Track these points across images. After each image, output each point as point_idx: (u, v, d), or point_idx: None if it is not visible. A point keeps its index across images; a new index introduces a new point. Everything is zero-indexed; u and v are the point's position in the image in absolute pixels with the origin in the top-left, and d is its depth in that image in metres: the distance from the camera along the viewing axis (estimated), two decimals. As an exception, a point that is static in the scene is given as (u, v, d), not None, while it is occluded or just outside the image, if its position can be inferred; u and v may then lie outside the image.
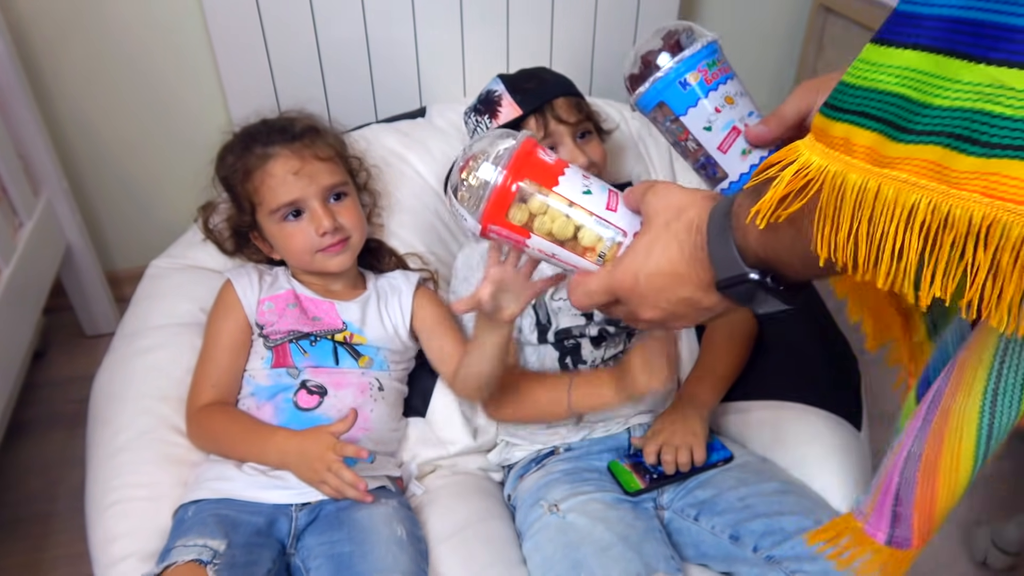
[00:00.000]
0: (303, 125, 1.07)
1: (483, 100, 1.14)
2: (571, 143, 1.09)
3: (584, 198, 0.61)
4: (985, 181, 0.36)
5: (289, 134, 1.04)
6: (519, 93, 1.10)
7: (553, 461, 1.07)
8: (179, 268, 1.19)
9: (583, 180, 0.62)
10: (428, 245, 1.24)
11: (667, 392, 1.15)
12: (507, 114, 1.10)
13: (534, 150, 0.62)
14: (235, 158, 1.05)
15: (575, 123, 1.10)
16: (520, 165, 0.61)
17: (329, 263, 1.06)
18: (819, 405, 1.08)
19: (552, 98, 1.10)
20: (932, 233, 0.38)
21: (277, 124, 1.07)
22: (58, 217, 1.47)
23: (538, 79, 1.14)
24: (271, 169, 1.01)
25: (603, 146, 1.15)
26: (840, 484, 1.00)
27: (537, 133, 1.08)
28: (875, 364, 1.65)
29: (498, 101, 1.11)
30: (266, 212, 1.03)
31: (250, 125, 1.09)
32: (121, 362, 1.10)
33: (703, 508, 0.97)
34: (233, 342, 1.05)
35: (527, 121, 1.09)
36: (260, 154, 1.03)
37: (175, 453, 1.01)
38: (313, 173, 1.02)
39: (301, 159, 1.02)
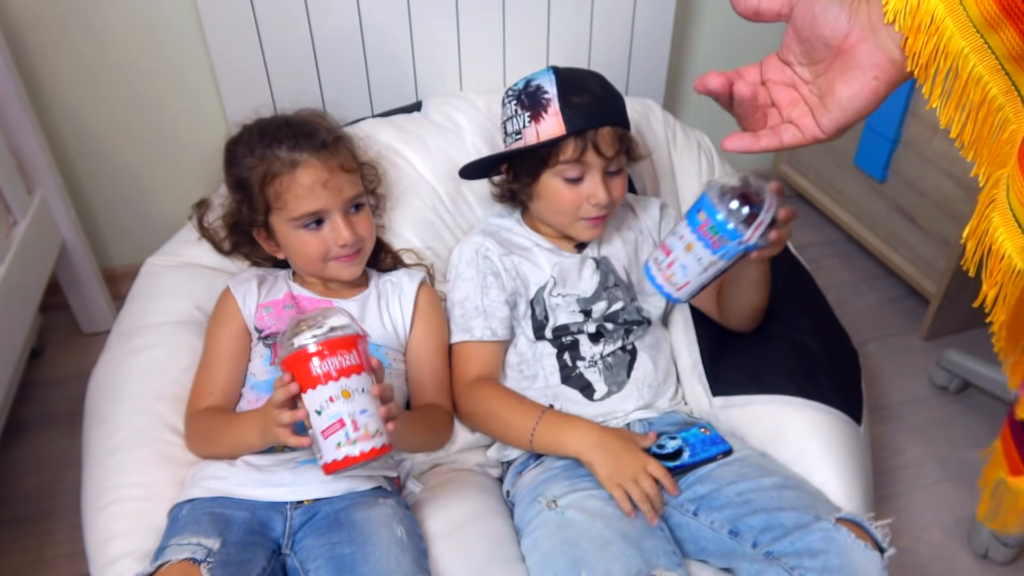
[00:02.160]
0: (331, 134, 1.04)
1: (531, 94, 1.06)
2: (599, 178, 1.06)
3: (314, 417, 0.80)
4: None
5: (317, 141, 1.01)
6: (569, 108, 1.03)
7: (551, 457, 1.06)
8: (175, 266, 1.18)
9: (328, 401, 0.79)
10: (425, 240, 1.23)
11: (664, 387, 1.14)
12: (549, 127, 1.04)
13: (309, 358, 0.79)
14: (255, 159, 1.01)
15: (611, 157, 1.06)
16: (293, 360, 0.80)
17: (342, 272, 1.06)
18: (819, 399, 1.08)
19: (600, 125, 1.05)
20: None
21: (304, 128, 1.03)
22: (53, 215, 1.46)
23: (592, 95, 1.05)
24: (300, 178, 0.99)
25: (626, 181, 1.13)
26: (840, 479, 1.00)
27: (572, 155, 1.04)
28: (874, 358, 1.66)
29: (545, 105, 1.04)
30: (286, 217, 1.01)
31: (266, 121, 1.05)
32: (117, 361, 1.09)
33: (702, 503, 0.97)
34: (232, 349, 1.04)
35: (567, 141, 1.04)
36: (287, 159, 0.99)
37: (171, 453, 1.00)
38: (339, 185, 1.01)
39: (329, 170, 1.00)
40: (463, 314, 1.11)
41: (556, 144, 1.05)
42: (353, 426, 0.78)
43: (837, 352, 1.19)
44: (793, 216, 0.93)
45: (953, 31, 0.48)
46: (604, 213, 1.09)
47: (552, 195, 1.10)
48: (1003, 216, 0.51)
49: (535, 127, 1.06)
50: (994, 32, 0.47)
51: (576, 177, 1.07)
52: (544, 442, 1.02)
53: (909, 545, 1.29)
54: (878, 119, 1.73)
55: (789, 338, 1.16)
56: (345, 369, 0.79)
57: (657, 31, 1.62)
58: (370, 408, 0.80)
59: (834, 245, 1.99)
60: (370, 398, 0.80)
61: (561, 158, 1.06)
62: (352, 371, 0.79)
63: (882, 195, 1.79)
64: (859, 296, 1.84)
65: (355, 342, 0.80)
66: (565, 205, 1.09)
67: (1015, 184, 0.50)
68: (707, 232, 0.86)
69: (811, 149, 2.01)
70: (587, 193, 1.07)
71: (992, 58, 0.48)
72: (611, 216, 1.13)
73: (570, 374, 1.11)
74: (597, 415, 1.09)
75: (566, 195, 1.08)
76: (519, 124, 1.09)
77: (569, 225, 1.12)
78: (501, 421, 1.06)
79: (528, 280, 1.13)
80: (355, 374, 0.79)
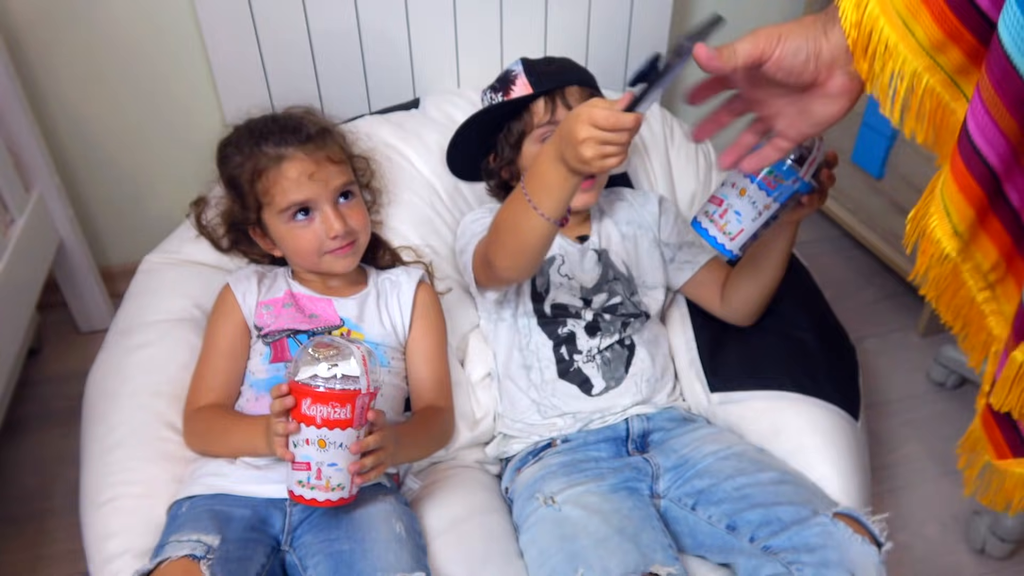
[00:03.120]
0: (316, 127, 1.05)
1: (500, 78, 1.16)
2: None
3: (290, 444, 0.82)
4: None
5: (303, 134, 1.02)
6: (535, 75, 1.11)
7: (550, 454, 1.06)
8: (172, 264, 1.18)
9: (305, 442, 0.82)
10: (423, 237, 1.23)
11: (662, 382, 1.15)
12: (519, 92, 1.11)
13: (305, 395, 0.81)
14: (243, 157, 1.02)
15: None
16: (294, 385, 0.82)
17: (336, 265, 1.06)
18: (816, 395, 1.08)
19: (567, 84, 1.10)
20: None
21: (289, 123, 1.04)
22: (50, 213, 1.45)
23: (558, 65, 1.15)
24: (286, 171, 1.00)
25: None
26: (838, 474, 1.00)
27: (544, 116, 1.09)
28: (872, 354, 1.66)
29: (513, 80, 1.13)
30: (275, 211, 1.02)
31: (255, 120, 1.06)
32: (115, 359, 1.09)
33: (700, 497, 0.97)
34: (231, 346, 1.04)
35: (536, 102, 1.09)
36: (273, 155, 1.00)
37: (170, 450, 1.00)
38: (326, 176, 1.01)
39: (315, 161, 1.01)
40: (477, 233, 1.10)
41: (528, 109, 1.10)
42: (317, 474, 0.81)
43: (835, 348, 1.19)
44: (837, 160, 0.97)
45: (906, 55, 0.56)
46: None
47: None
48: (936, 204, 0.59)
49: (506, 98, 1.13)
50: (941, 53, 0.55)
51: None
52: (538, 191, 0.85)
53: (906, 540, 1.29)
54: (875, 116, 1.73)
55: (787, 334, 1.17)
56: (330, 421, 0.80)
57: (654, 27, 1.62)
58: (341, 463, 0.82)
59: (831, 242, 1.99)
60: (346, 453, 0.82)
61: (535, 121, 1.10)
62: (336, 425, 0.80)
63: (879, 191, 1.79)
64: (856, 292, 1.84)
65: (353, 398, 0.80)
66: None
67: (947, 176, 0.57)
68: (763, 174, 0.89)
69: (808, 146, 2.00)
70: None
71: (942, 73, 0.57)
72: (601, 184, 1.15)
73: (568, 368, 1.11)
74: (595, 410, 1.09)
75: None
76: (487, 101, 1.16)
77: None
78: (504, 225, 0.94)
79: None
80: (339, 428, 0.80)
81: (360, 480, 0.84)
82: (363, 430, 0.84)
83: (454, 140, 1.19)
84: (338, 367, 0.80)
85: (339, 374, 0.80)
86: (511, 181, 1.18)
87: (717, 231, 0.94)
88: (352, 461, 0.83)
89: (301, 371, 0.81)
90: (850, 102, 0.65)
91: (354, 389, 0.81)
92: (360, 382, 0.81)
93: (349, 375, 0.80)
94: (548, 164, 0.84)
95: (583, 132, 0.76)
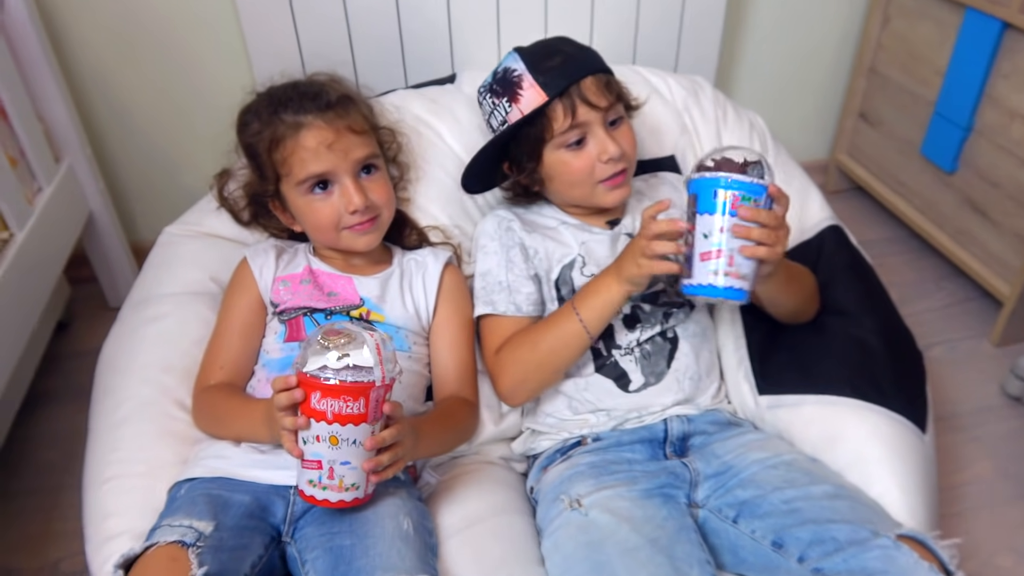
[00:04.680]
0: (337, 93, 0.99)
1: (500, 80, 1.03)
2: (602, 133, 0.99)
3: (300, 441, 0.77)
4: None
5: (322, 101, 0.96)
6: (542, 74, 0.98)
7: (579, 452, 0.99)
8: (192, 236, 1.14)
9: (315, 439, 0.76)
10: (452, 218, 1.16)
11: (707, 381, 1.05)
12: (530, 100, 0.99)
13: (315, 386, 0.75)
14: (261, 124, 0.97)
15: (606, 107, 0.99)
16: (302, 378, 0.75)
17: (357, 242, 1.00)
18: (879, 403, 0.98)
19: (580, 78, 0.98)
20: None
21: (309, 90, 0.98)
22: (80, 184, 1.43)
23: (562, 55, 1.00)
24: (304, 140, 0.94)
25: (632, 130, 1.05)
26: (901, 491, 0.90)
27: (564, 121, 0.98)
28: (939, 363, 1.53)
29: (518, 83, 1.00)
30: (293, 183, 0.97)
31: (276, 87, 1.01)
32: (128, 332, 1.05)
33: (743, 509, 0.88)
34: (245, 322, 0.99)
35: (553, 107, 0.98)
36: (291, 122, 0.95)
37: (176, 428, 0.96)
38: (347, 146, 0.95)
39: (335, 131, 0.95)
40: (485, 287, 1.05)
41: (544, 115, 0.99)
42: (329, 473, 0.75)
43: (901, 352, 1.08)
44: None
45: None
46: (621, 167, 1.01)
47: (561, 169, 1.02)
48: None
49: (516, 108, 1.00)
50: None
51: (578, 140, 1.00)
52: (591, 312, 0.94)
53: (976, 570, 1.17)
54: (949, 105, 1.60)
55: (848, 334, 1.06)
56: (343, 416, 0.74)
57: (710, 2, 1.52)
58: (355, 461, 0.76)
59: (897, 242, 1.87)
60: (360, 451, 0.76)
61: (556, 127, 0.99)
62: (349, 420, 0.74)
63: (951, 187, 1.66)
64: (924, 297, 1.71)
65: (367, 391, 0.74)
66: (577, 174, 1.02)
67: None
68: (740, 203, 0.83)
69: (872, 137, 1.88)
70: (596, 152, 1.00)
71: None
72: (631, 171, 1.05)
73: (604, 363, 1.03)
74: (631, 408, 1.01)
75: (575, 163, 1.01)
76: (502, 114, 1.03)
77: (590, 194, 1.04)
78: (544, 342, 0.97)
79: (551, 259, 1.05)
80: (351, 424, 0.74)
81: (376, 478, 0.79)
82: (378, 424, 0.77)
83: (470, 168, 1.10)
84: (349, 357, 0.74)
85: (351, 364, 0.73)
86: (532, 188, 1.09)
87: (735, 278, 0.83)
88: (367, 458, 0.77)
89: (310, 361, 0.74)
90: None
91: (368, 381, 0.74)
92: (374, 373, 0.75)
93: (362, 365, 0.74)
94: (608, 286, 0.92)
95: (650, 245, 0.86)
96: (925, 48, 1.67)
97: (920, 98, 1.70)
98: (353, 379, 0.73)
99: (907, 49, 1.72)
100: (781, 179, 1.27)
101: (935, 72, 1.65)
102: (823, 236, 1.21)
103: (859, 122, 1.93)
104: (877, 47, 1.81)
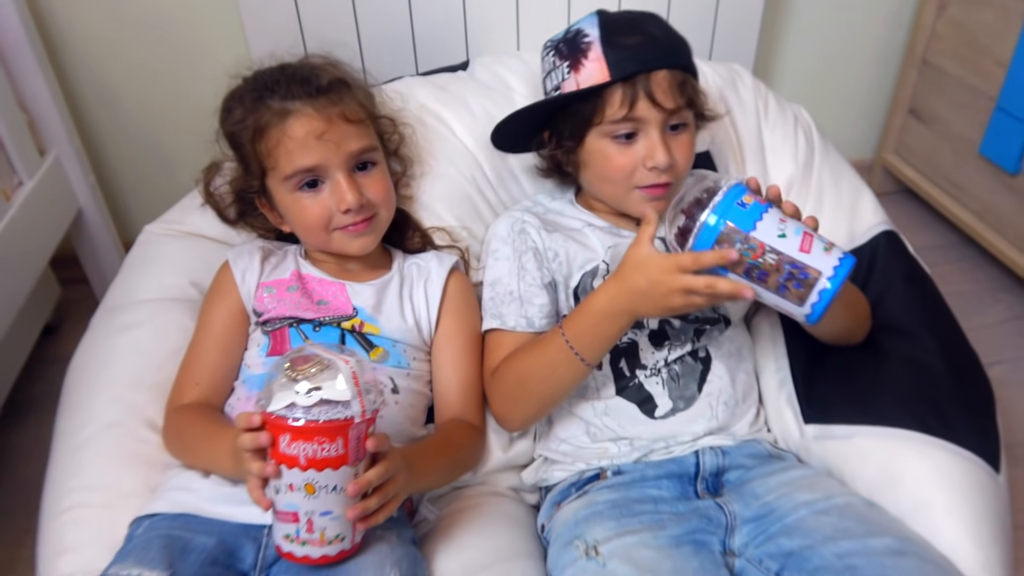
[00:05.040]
0: (330, 77, 0.88)
1: (568, 41, 0.91)
2: (656, 136, 0.86)
3: (270, 490, 0.66)
4: None
5: (312, 86, 0.86)
6: (614, 49, 0.86)
7: (597, 488, 0.87)
8: (173, 235, 1.04)
9: (288, 488, 0.65)
10: (460, 219, 1.05)
11: (743, 407, 0.93)
12: (591, 74, 0.87)
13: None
14: (245, 111, 0.87)
15: (672, 110, 0.86)
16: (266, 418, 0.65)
17: (350, 244, 0.89)
18: (946, 436, 0.86)
19: (654, 68, 0.85)
20: None
21: (298, 73, 0.88)
22: (68, 179, 1.35)
23: (643, 36, 0.87)
24: (290, 129, 0.84)
25: (694, 143, 0.92)
26: (974, 544, 0.78)
27: (620, 110, 0.86)
28: (998, 385, 1.37)
29: (585, 50, 0.88)
30: (279, 178, 0.86)
31: (264, 70, 0.91)
32: (99, 341, 0.96)
33: (788, 562, 0.76)
34: (225, 334, 0.90)
35: (612, 90, 0.86)
36: (277, 109, 0.85)
37: (145, 452, 0.86)
38: (339, 137, 0.85)
39: (326, 120, 0.84)
40: (493, 297, 0.94)
41: (600, 96, 0.86)
42: (308, 526, 0.65)
43: (967, 377, 0.95)
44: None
45: None
46: (665, 181, 0.88)
47: (600, 160, 0.90)
48: None
49: (574, 78, 0.88)
50: None
51: (627, 134, 0.88)
52: (587, 343, 0.82)
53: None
54: (1013, 99, 1.46)
55: (907, 356, 0.94)
56: (318, 461, 0.63)
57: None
58: (336, 509, 0.65)
59: (949, 249, 1.75)
60: (342, 497, 0.65)
61: (608, 113, 0.87)
62: (326, 464, 0.63)
63: (1013, 190, 1.53)
64: (980, 311, 1.58)
65: (345, 429, 0.64)
66: (615, 172, 0.90)
67: None
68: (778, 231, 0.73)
69: (924, 137, 1.75)
70: (642, 155, 0.88)
71: None
72: (677, 187, 0.92)
73: (627, 384, 0.91)
74: (657, 437, 0.90)
75: (617, 159, 0.89)
76: (558, 78, 0.91)
77: (622, 196, 0.92)
78: (533, 370, 0.87)
79: (572, 264, 0.94)
80: (329, 468, 0.64)
81: (364, 525, 0.69)
82: (362, 464, 0.67)
83: (506, 123, 0.98)
84: (321, 390, 0.63)
85: (324, 398, 0.63)
86: (566, 167, 0.97)
87: (812, 295, 0.73)
88: (351, 505, 0.66)
89: (276, 398, 0.63)
90: None
91: (345, 418, 0.63)
92: (352, 407, 0.64)
93: (337, 400, 0.63)
94: (609, 321, 0.80)
95: (688, 297, 0.75)
96: (986, 37, 1.54)
97: (979, 92, 1.57)
98: (328, 417, 0.62)
99: (965, 38, 1.59)
100: (828, 178, 1.15)
101: (997, 63, 1.52)
102: (876, 243, 1.08)
103: (909, 118, 1.80)
104: (931, 36, 1.68)
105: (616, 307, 0.79)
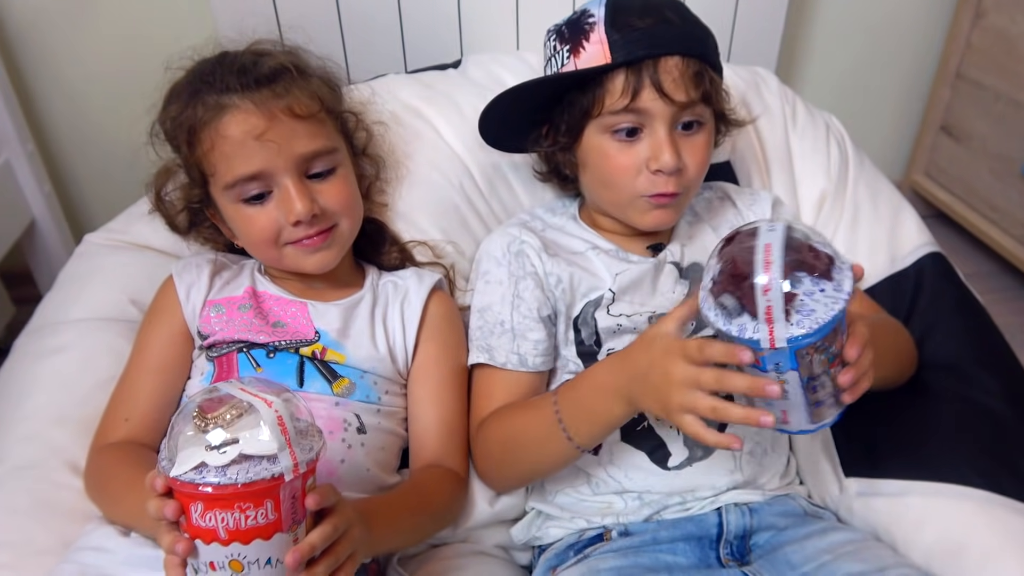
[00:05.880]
0: (274, 64, 0.76)
1: (571, 23, 0.80)
2: (663, 133, 0.75)
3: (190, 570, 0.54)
4: None
5: (251, 76, 0.74)
6: (620, 31, 0.75)
7: (600, 552, 0.75)
8: (115, 246, 0.92)
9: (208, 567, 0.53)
10: (446, 232, 0.93)
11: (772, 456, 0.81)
12: (591, 56, 0.75)
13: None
14: (180, 108, 0.76)
15: (683, 104, 0.75)
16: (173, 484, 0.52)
17: (305, 261, 0.78)
18: (1018, 496, 0.74)
19: (664, 53, 0.74)
20: None
21: (237, 61, 0.76)
22: (19, 185, 1.26)
23: (657, 18, 0.76)
24: (224, 128, 0.72)
25: (711, 147, 0.80)
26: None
27: (621, 98, 0.74)
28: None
29: (587, 31, 0.77)
30: (220, 186, 0.75)
31: (205, 60, 0.79)
32: (21, 367, 0.84)
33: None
34: (163, 361, 0.79)
35: (613, 76, 0.75)
36: (212, 104, 0.73)
37: (62, 500, 0.74)
38: (284, 137, 0.73)
39: (267, 116, 0.72)
40: (482, 327, 0.82)
41: (600, 83, 0.75)
42: None
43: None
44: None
45: None
46: (673, 190, 0.77)
47: (597, 158, 0.79)
48: None
49: (574, 61, 0.77)
50: None
51: (630, 130, 0.76)
52: (577, 420, 0.71)
53: None
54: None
55: (964, 398, 0.83)
56: (242, 532, 0.50)
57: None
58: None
59: (988, 278, 1.65)
60: (279, 571, 0.53)
61: (607, 103, 0.76)
62: (254, 535, 0.51)
63: (1061, 213, 1.40)
64: (1025, 344, 1.44)
65: (273, 491, 0.51)
66: (615, 173, 0.78)
67: None
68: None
69: (958, 156, 1.63)
70: (646, 155, 0.76)
71: None
72: (687, 197, 0.81)
73: (634, 428, 0.79)
74: (671, 491, 0.78)
75: (616, 159, 0.77)
76: (557, 63, 0.80)
77: (624, 205, 0.80)
78: (520, 439, 0.76)
79: (575, 291, 0.82)
80: (259, 539, 0.51)
81: None
82: (301, 527, 0.54)
83: (493, 103, 0.86)
84: (239, 443, 0.50)
85: (240, 452, 0.50)
86: (564, 168, 0.85)
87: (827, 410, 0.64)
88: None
89: (181, 457, 0.50)
90: None
91: (272, 476, 0.50)
92: (280, 461, 0.51)
93: (260, 454, 0.50)
94: (603, 398, 0.69)
95: (675, 370, 0.60)
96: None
97: (1022, 107, 1.46)
98: (249, 477, 0.49)
99: (1006, 48, 1.49)
100: (865, 193, 1.03)
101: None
102: (921, 266, 0.96)
103: (941, 137, 1.70)
104: (966, 48, 1.58)
105: (612, 384, 0.68)
